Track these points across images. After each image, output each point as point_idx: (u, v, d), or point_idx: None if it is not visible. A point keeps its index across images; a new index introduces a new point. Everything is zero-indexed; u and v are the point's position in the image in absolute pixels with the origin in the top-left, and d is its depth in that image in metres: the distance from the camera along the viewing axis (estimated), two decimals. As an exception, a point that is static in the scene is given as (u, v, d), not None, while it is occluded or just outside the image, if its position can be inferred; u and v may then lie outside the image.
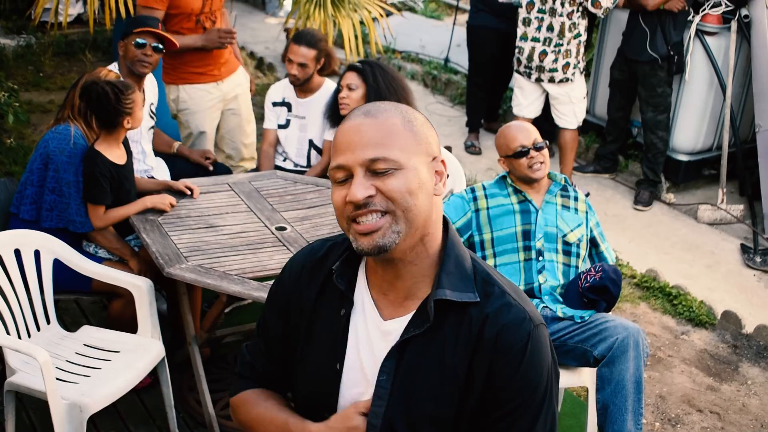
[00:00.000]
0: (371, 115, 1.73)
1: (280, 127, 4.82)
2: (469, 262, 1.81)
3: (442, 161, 1.78)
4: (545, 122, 6.44)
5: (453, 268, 1.77)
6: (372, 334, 1.81)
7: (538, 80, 6.17)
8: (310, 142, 4.75)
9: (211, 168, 4.63)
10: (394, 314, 1.80)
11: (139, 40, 4.16)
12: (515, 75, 6.39)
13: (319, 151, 4.76)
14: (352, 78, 4.39)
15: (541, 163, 3.64)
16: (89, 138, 3.81)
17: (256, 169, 4.98)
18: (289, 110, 4.78)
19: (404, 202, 1.69)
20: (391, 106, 1.76)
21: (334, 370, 1.83)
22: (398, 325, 1.78)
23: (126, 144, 3.89)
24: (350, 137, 1.71)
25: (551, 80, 6.09)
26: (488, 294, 1.77)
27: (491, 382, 1.74)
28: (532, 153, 3.62)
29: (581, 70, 6.18)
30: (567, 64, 6.02)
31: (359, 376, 1.82)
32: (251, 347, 2.03)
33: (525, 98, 6.34)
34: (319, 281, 1.88)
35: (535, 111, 6.36)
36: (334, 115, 4.54)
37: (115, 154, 3.77)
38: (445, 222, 1.82)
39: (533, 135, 3.66)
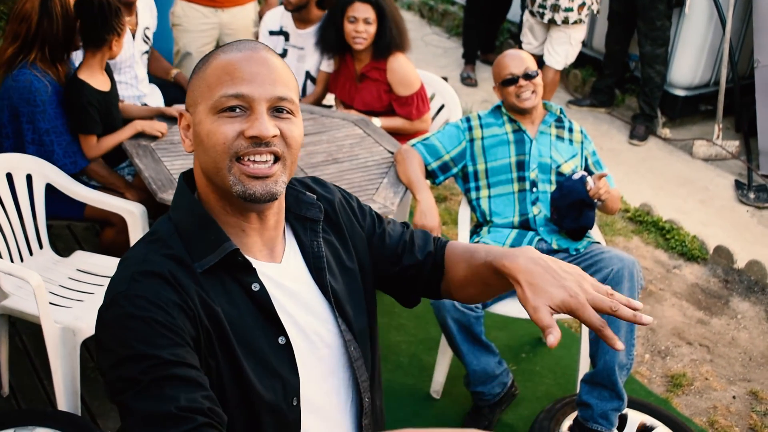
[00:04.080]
0: (271, 52, 1.61)
1: None
2: None
3: None
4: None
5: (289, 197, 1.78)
6: (285, 284, 1.68)
7: (551, 21, 6.00)
8: (307, 74, 4.66)
9: None
10: (274, 258, 1.70)
11: None
12: (527, 14, 6.24)
13: (315, 81, 4.68)
14: (368, 11, 4.15)
15: (532, 92, 3.60)
16: (53, 73, 3.64)
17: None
18: (287, 40, 4.69)
19: (295, 152, 1.61)
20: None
21: (277, 346, 1.63)
22: (294, 263, 1.72)
23: (108, 71, 3.82)
24: (258, 68, 1.56)
25: (565, 21, 5.91)
26: (311, 190, 1.85)
27: (360, 232, 1.87)
28: (521, 82, 3.58)
29: (595, 11, 6.06)
30: (582, 5, 5.89)
31: (299, 333, 1.68)
32: (170, 398, 1.41)
33: (535, 39, 6.22)
34: (186, 284, 1.54)
35: (537, 49, 6.27)
36: (330, 45, 4.40)
37: (98, 81, 3.70)
38: None
39: (526, 63, 3.62)
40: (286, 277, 1.69)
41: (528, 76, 3.58)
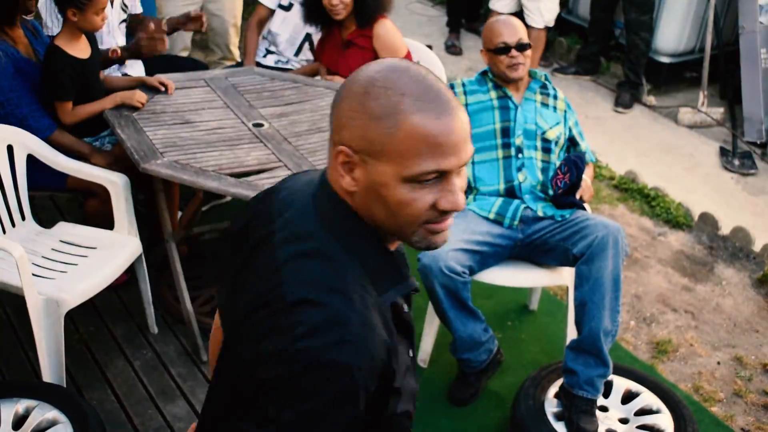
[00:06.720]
0: (458, 103, 1.45)
1: (281, 7, 4.61)
2: None
3: None
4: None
5: None
6: None
7: None
8: (308, 36, 4.58)
9: (162, 89, 4.28)
10: None
11: None
12: None
13: (312, 45, 4.59)
14: None
15: (521, 64, 3.58)
16: (9, 40, 3.60)
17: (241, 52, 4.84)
18: None
19: None
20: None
21: (409, 359, 1.61)
22: None
23: (91, 38, 3.77)
24: (457, 138, 1.42)
25: None
26: None
27: None
28: (514, 52, 3.55)
29: None
30: None
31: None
32: None
33: None
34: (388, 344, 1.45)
35: (508, 6, 6.23)
36: (313, 17, 4.32)
37: (76, 48, 3.65)
38: None
39: (519, 34, 3.58)
40: None
41: (521, 47, 3.55)
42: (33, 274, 3.13)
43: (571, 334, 3.56)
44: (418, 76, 1.44)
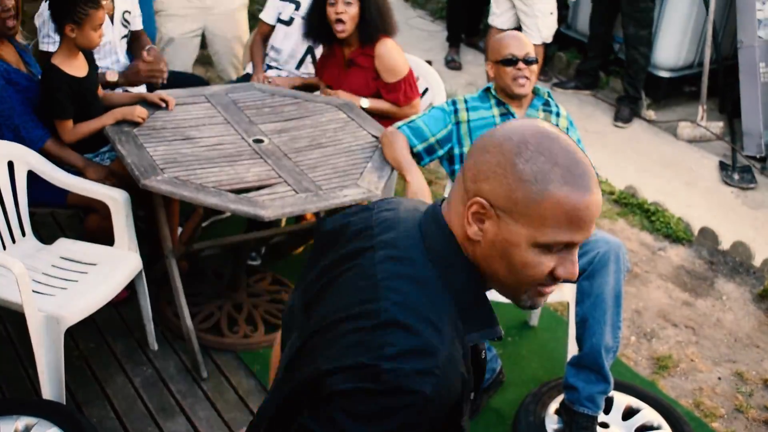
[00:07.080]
0: (596, 178, 1.49)
1: (282, 22, 4.61)
2: None
3: None
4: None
5: None
6: None
7: None
8: (309, 50, 4.58)
9: (163, 105, 4.00)
10: None
11: None
12: None
13: (315, 58, 4.59)
14: None
15: (527, 78, 3.57)
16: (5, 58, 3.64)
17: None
18: (297, 8, 4.55)
19: None
20: None
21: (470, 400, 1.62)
22: None
23: (89, 56, 3.78)
24: (595, 214, 1.46)
25: None
26: None
27: None
28: (521, 65, 3.54)
29: None
30: None
31: None
32: None
33: (498, 7, 6.27)
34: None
35: (507, 22, 6.23)
36: (316, 33, 4.32)
37: (73, 66, 3.66)
38: None
39: (527, 48, 3.57)
40: None
41: (528, 62, 3.54)
42: (33, 291, 3.12)
43: (572, 350, 3.56)
44: (569, 146, 1.47)
